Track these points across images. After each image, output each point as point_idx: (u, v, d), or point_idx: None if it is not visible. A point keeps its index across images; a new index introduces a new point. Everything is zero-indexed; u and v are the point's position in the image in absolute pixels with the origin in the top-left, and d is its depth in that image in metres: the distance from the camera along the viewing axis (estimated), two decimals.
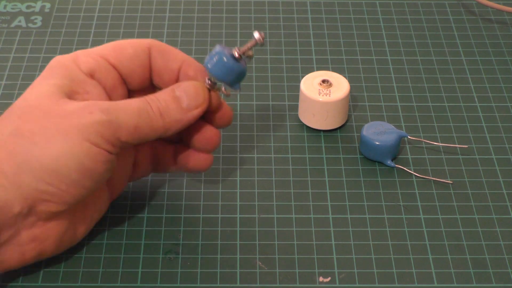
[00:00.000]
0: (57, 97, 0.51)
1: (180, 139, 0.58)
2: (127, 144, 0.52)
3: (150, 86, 0.57)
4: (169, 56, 0.55)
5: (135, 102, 0.52)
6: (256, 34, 0.54)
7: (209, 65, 0.54)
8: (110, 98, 0.54)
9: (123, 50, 0.55)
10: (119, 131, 0.50)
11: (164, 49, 0.55)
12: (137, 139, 0.52)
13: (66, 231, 0.53)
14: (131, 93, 0.56)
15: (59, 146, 0.49)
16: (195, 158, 0.57)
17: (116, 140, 0.51)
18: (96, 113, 0.50)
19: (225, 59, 0.54)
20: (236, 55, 0.54)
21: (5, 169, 0.49)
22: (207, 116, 0.56)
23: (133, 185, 0.60)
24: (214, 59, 0.54)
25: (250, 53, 0.55)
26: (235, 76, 0.55)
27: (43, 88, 0.52)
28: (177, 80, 0.56)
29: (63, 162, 0.49)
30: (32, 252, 0.52)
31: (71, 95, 0.52)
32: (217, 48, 0.54)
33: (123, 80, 0.55)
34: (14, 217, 0.50)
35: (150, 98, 0.53)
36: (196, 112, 0.54)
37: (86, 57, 0.54)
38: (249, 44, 0.54)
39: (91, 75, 0.54)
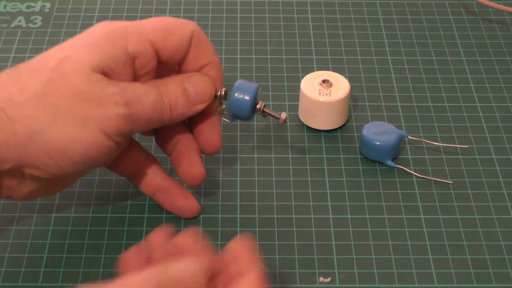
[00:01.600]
0: (91, 71, 0.50)
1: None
2: (136, 133, 0.53)
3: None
4: (203, 50, 0.55)
5: (152, 95, 0.52)
6: (284, 115, 0.57)
7: (236, 94, 0.56)
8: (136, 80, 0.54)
9: (171, 36, 0.54)
10: (135, 125, 0.51)
11: (202, 42, 0.55)
12: (146, 129, 0.53)
13: (39, 189, 0.53)
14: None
15: (76, 131, 0.49)
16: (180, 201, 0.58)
17: (128, 132, 0.51)
18: (120, 104, 0.50)
19: (251, 103, 0.56)
20: (258, 107, 0.57)
21: (17, 129, 0.49)
22: (199, 130, 0.57)
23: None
24: (245, 97, 0.56)
25: (265, 114, 0.57)
26: (242, 116, 0.57)
27: (82, 56, 0.51)
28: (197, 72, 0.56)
29: (73, 145, 0.50)
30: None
31: (105, 70, 0.51)
32: (255, 88, 0.56)
33: (157, 66, 0.54)
34: (1, 171, 0.50)
35: (163, 90, 0.53)
36: (200, 107, 0.54)
37: (137, 38, 0.53)
38: (273, 113, 0.57)
39: (133, 59, 0.53)
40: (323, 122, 0.64)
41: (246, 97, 0.56)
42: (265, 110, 0.57)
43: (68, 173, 0.51)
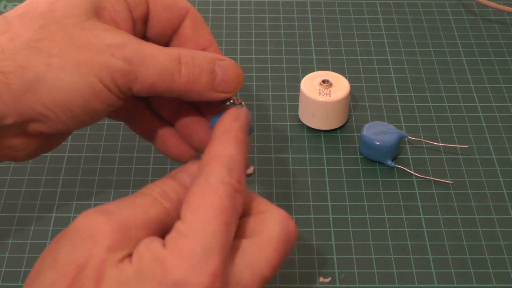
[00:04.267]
0: (85, 15, 0.47)
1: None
2: (139, 95, 0.49)
3: (165, 44, 0.53)
4: (201, 31, 0.52)
5: (164, 59, 0.48)
6: (251, 170, 0.48)
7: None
8: (133, 26, 0.51)
9: None
10: (134, 83, 0.47)
11: (198, 22, 0.52)
12: (149, 94, 0.49)
13: (42, 147, 0.51)
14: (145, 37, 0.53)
15: (73, 79, 0.46)
16: (177, 149, 0.53)
17: (127, 90, 0.48)
18: (118, 58, 0.47)
19: None
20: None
21: (11, 82, 0.46)
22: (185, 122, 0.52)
23: (133, 184, 0.60)
24: None
25: None
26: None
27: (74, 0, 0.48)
28: None
29: (71, 96, 0.46)
30: (2, 158, 0.50)
31: (99, 11, 0.49)
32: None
33: (147, 20, 0.52)
34: (3, 127, 0.48)
35: (186, 57, 0.48)
36: (221, 96, 0.49)
37: None
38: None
39: None
40: (323, 122, 0.64)
41: None
42: None
43: (71, 127, 0.48)
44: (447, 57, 0.73)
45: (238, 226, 0.44)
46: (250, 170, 0.48)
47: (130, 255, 0.41)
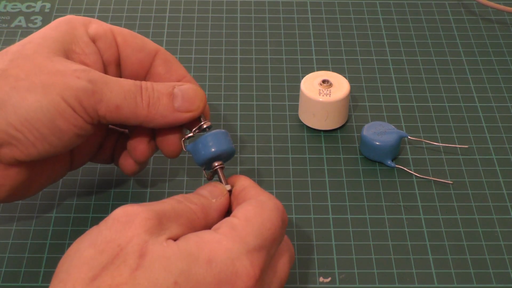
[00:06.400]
0: (53, 53, 0.51)
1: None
2: (105, 120, 0.51)
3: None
4: (172, 67, 0.56)
5: (127, 84, 0.52)
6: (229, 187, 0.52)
7: (211, 141, 0.52)
8: (104, 70, 0.54)
9: (134, 39, 0.55)
10: (99, 104, 0.50)
11: (169, 60, 0.56)
12: (116, 118, 0.52)
13: (21, 184, 0.52)
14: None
15: (37, 98, 0.49)
16: (124, 161, 0.58)
17: (93, 111, 0.50)
18: (83, 79, 0.50)
19: (211, 156, 0.52)
20: (216, 164, 0.52)
21: None
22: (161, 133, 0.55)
23: (133, 185, 0.60)
24: (212, 148, 0.52)
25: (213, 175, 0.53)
26: (197, 158, 0.53)
27: (43, 40, 0.52)
28: None
29: (36, 114, 0.49)
30: None
31: (69, 54, 0.52)
32: (227, 148, 0.53)
33: (119, 63, 0.56)
34: None
35: (146, 85, 0.52)
36: (186, 116, 0.53)
37: (97, 24, 0.55)
38: (223, 178, 0.52)
39: (94, 41, 0.54)
40: (323, 122, 0.64)
41: (213, 149, 0.52)
42: (219, 170, 0.52)
43: (42, 150, 0.50)
44: (447, 57, 0.73)
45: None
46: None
47: (171, 239, 0.44)
